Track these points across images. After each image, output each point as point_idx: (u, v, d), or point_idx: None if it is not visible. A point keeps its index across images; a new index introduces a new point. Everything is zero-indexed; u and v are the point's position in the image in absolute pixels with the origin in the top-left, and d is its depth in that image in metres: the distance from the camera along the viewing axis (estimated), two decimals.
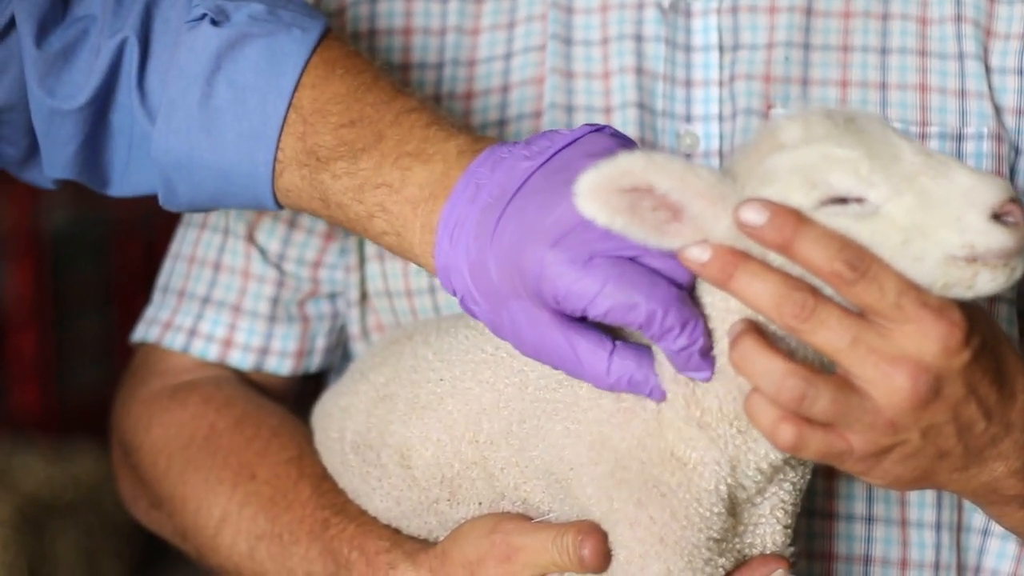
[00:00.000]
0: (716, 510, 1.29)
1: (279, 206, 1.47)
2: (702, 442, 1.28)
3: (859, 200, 1.21)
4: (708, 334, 1.27)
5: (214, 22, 1.44)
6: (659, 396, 1.29)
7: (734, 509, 1.31)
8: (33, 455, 3.18)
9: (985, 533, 1.61)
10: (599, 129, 1.35)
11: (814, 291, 1.21)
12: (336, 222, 1.44)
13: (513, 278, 1.29)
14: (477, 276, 1.32)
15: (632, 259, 1.27)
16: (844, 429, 1.23)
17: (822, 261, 1.20)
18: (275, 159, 1.43)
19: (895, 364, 1.20)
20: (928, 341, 1.20)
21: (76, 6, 1.48)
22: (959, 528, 1.61)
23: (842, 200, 1.21)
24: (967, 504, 1.61)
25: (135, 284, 3.34)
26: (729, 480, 1.29)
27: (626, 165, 1.21)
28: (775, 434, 1.23)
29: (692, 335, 1.26)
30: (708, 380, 1.28)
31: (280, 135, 1.43)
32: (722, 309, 1.27)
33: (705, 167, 1.24)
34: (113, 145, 1.50)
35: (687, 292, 1.28)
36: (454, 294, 1.35)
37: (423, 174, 1.38)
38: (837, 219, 1.21)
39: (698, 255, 1.23)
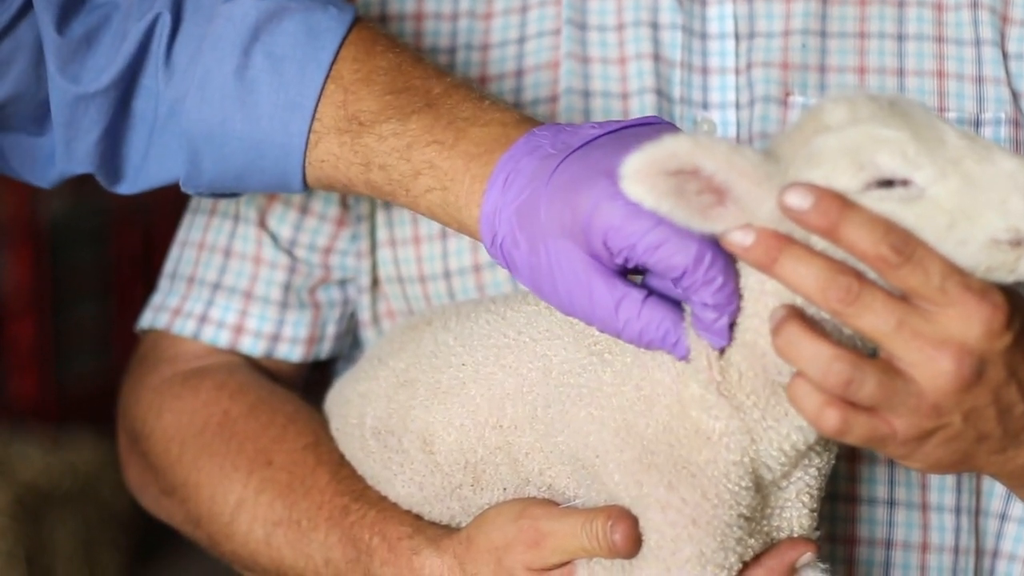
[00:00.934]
0: (744, 483, 1.29)
1: (304, 186, 1.46)
2: (724, 410, 1.28)
3: (905, 183, 1.21)
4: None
5: None
6: (682, 352, 1.28)
7: (760, 488, 1.30)
8: (31, 444, 3.17)
9: (1003, 517, 1.62)
10: (661, 123, 1.35)
11: (859, 275, 1.21)
12: (373, 188, 1.44)
13: (563, 215, 1.29)
14: (523, 215, 1.32)
15: None
16: (888, 413, 1.23)
17: (867, 245, 1.19)
18: (310, 130, 1.43)
19: (939, 347, 1.20)
20: (972, 324, 1.20)
21: None
22: (977, 512, 1.62)
23: (888, 183, 1.21)
24: (985, 488, 1.62)
25: (133, 273, 3.33)
26: (752, 452, 1.28)
27: (672, 147, 1.21)
28: (820, 419, 1.22)
29: (731, 296, 1.26)
30: (720, 349, 1.27)
31: (317, 106, 1.43)
32: (756, 291, 1.26)
33: (750, 148, 1.24)
34: (133, 136, 1.49)
35: None
36: (490, 244, 1.35)
37: (480, 134, 1.38)
38: (882, 204, 1.21)
39: (741, 239, 1.22)
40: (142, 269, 3.30)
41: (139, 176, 1.51)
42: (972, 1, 1.60)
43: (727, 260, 1.26)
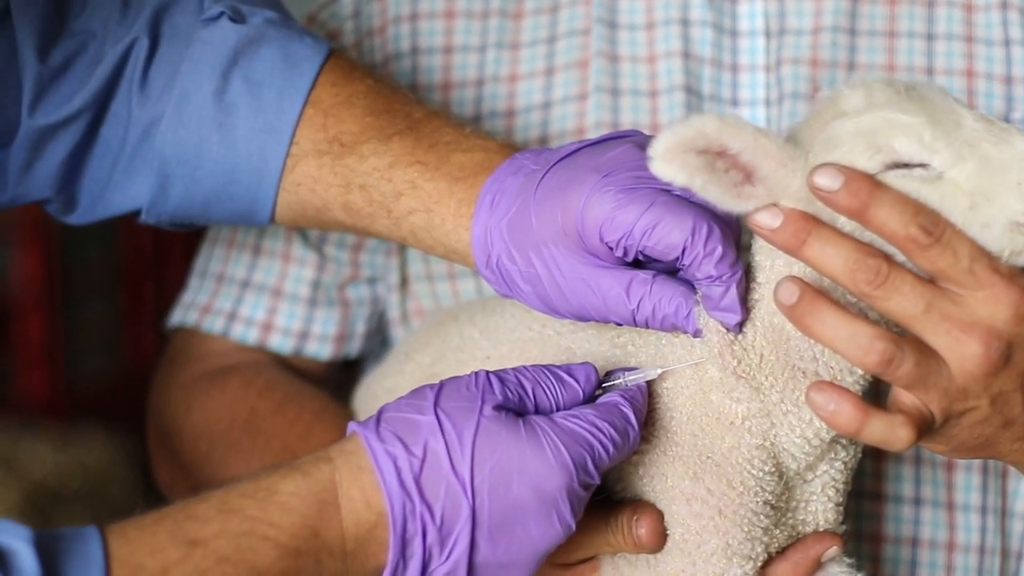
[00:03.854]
0: (768, 468, 1.28)
1: (271, 216, 1.46)
2: (745, 392, 1.27)
3: (922, 166, 1.21)
4: (746, 282, 1.27)
5: (232, 20, 1.46)
6: (694, 327, 1.28)
7: (785, 479, 1.30)
8: (41, 442, 3.16)
9: None
10: (639, 135, 1.35)
11: (888, 257, 1.21)
12: (351, 211, 1.44)
13: (555, 217, 1.29)
14: (515, 228, 1.32)
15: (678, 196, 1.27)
16: (920, 394, 1.22)
17: (897, 226, 1.19)
18: (287, 154, 1.44)
19: (968, 331, 1.20)
20: (1000, 307, 1.20)
21: (74, 20, 1.47)
22: (1004, 513, 1.62)
23: (904, 165, 1.21)
24: (1011, 489, 1.62)
25: (143, 270, 3.32)
26: (772, 437, 1.28)
27: (700, 126, 1.20)
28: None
29: (734, 266, 1.26)
30: (736, 327, 1.27)
31: (295, 130, 1.43)
32: (767, 268, 1.27)
33: (773, 131, 1.24)
34: (94, 164, 1.48)
35: None
36: (485, 266, 1.35)
37: (463, 159, 1.39)
38: (904, 181, 1.21)
39: (769, 221, 1.22)
40: (152, 266, 3.29)
41: (96, 205, 1.50)
42: (1002, 1, 1.60)
43: (724, 231, 1.26)
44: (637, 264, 1.30)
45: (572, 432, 1.22)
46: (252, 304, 1.71)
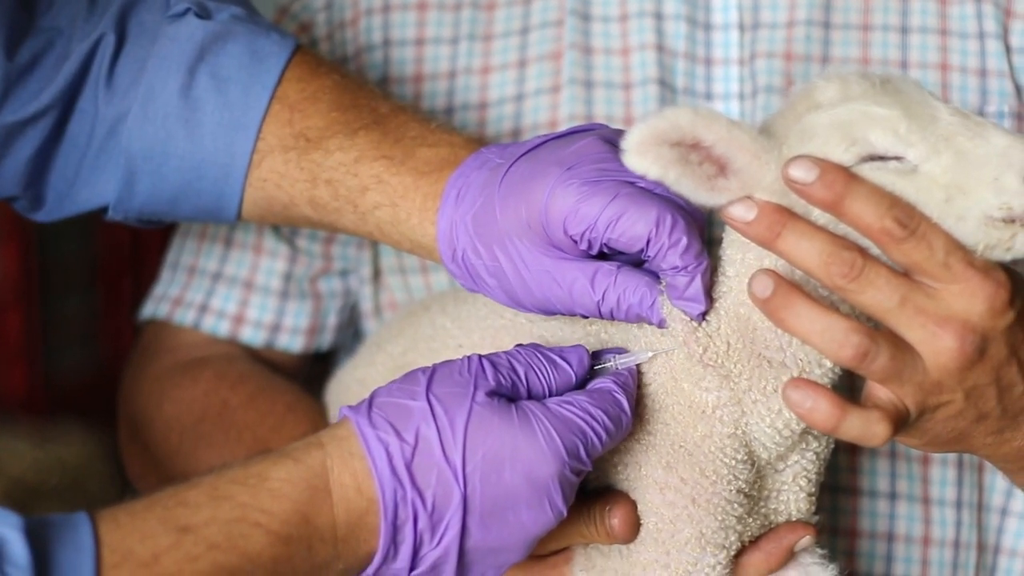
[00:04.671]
0: (740, 456, 1.28)
1: (238, 213, 1.46)
2: (714, 381, 1.27)
3: (897, 159, 1.21)
4: (714, 274, 1.27)
5: (198, 16, 1.46)
6: (658, 317, 1.27)
7: (757, 467, 1.30)
8: (19, 438, 3.15)
9: (1004, 512, 1.62)
10: (604, 127, 1.35)
11: (862, 250, 1.20)
12: (317, 206, 1.43)
13: (519, 210, 1.29)
14: (480, 222, 1.32)
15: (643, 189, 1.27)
16: (895, 388, 1.22)
17: (872, 218, 1.18)
18: (254, 149, 1.44)
19: (943, 324, 1.20)
20: (975, 301, 1.20)
21: (41, 18, 1.47)
22: (979, 507, 1.61)
23: (880, 158, 1.21)
24: (986, 483, 1.62)
25: (120, 265, 3.30)
26: (743, 425, 1.28)
27: (674, 118, 1.20)
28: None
29: (699, 256, 1.26)
30: (699, 316, 1.26)
31: (261, 125, 1.43)
32: (738, 261, 1.26)
33: (747, 124, 1.23)
34: (60, 161, 1.48)
35: None
36: (451, 260, 1.35)
37: (428, 154, 1.39)
38: (879, 174, 1.20)
39: (743, 214, 1.22)
40: (129, 262, 3.28)
41: (63, 202, 1.49)
42: None
43: (688, 222, 1.26)
44: (602, 256, 1.29)
45: (565, 419, 1.22)
46: (224, 296, 1.71)
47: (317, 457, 1.19)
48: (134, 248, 3.21)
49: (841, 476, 1.60)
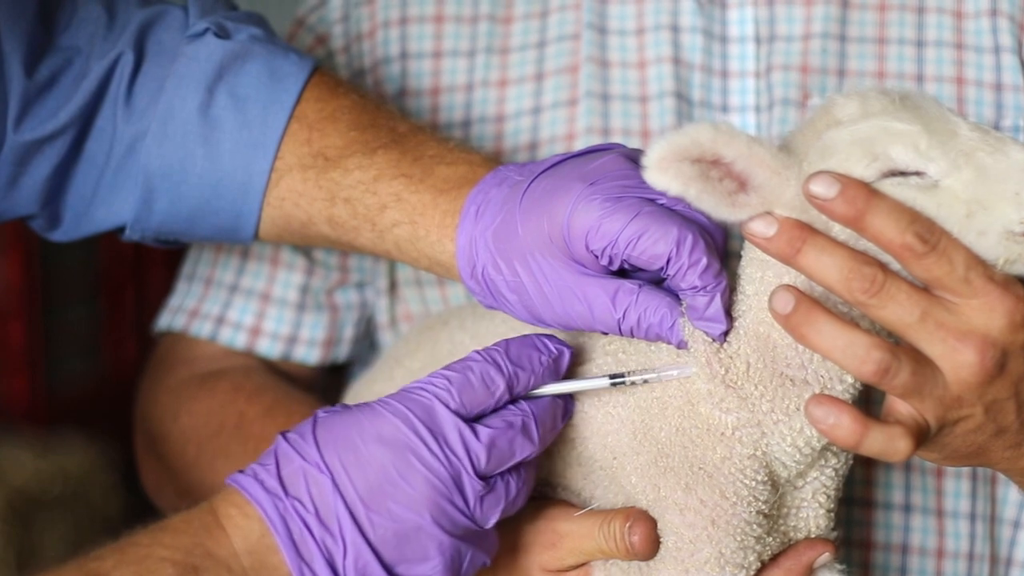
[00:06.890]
0: (760, 478, 1.28)
1: (255, 233, 1.47)
2: (733, 402, 1.27)
3: (918, 174, 1.21)
4: (730, 292, 1.27)
5: (217, 36, 1.46)
6: (678, 338, 1.27)
7: (776, 486, 1.30)
8: (21, 448, 3.14)
9: (1016, 525, 1.62)
10: (622, 147, 1.35)
11: (883, 266, 1.20)
12: (336, 224, 1.44)
13: (541, 225, 1.29)
14: (500, 238, 1.32)
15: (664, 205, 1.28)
16: (916, 403, 1.22)
17: (893, 234, 1.19)
18: (272, 168, 1.44)
19: (963, 339, 1.20)
20: (995, 316, 1.20)
21: (60, 36, 1.47)
22: (993, 519, 1.62)
23: (900, 173, 1.21)
24: (1000, 495, 1.62)
25: (123, 276, 3.30)
26: (763, 446, 1.28)
27: (694, 135, 1.20)
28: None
29: (718, 276, 1.26)
30: (720, 336, 1.27)
31: (279, 145, 1.44)
32: (757, 279, 1.26)
33: (767, 140, 1.24)
34: (79, 180, 1.48)
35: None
36: (469, 276, 1.35)
37: (447, 172, 1.40)
38: (900, 189, 1.21)
39: (764, 229, 1.22)
40: (132, 272, 3.28)
41: (80, 222, 1.50)
42: (991, 9, 1.60)
43: (708, 242, 1.26)
44: (622, 273, 1.30)
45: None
46: (240, 308, 1.71)
47: (204, 505, 1.25)
48: (136, 259, 3.21)
49: (856, 488, 1.60)
